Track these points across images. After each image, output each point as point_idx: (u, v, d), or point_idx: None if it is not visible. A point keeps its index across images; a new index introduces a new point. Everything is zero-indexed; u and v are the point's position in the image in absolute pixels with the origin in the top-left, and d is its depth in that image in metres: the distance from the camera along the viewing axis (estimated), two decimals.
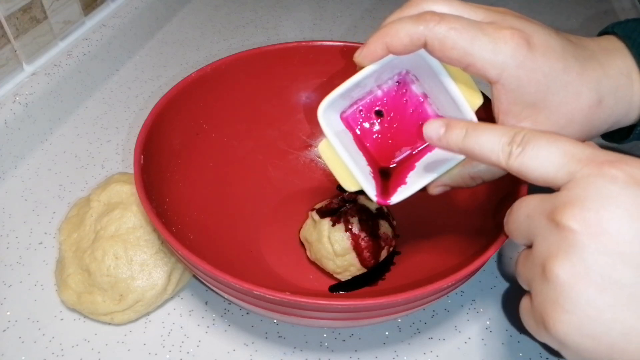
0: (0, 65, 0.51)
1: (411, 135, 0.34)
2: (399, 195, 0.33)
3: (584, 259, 0.24)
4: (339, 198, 0.44)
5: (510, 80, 0.29)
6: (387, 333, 0.40)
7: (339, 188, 0.49)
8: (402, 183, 0.34)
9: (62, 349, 0.39)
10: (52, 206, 0.49)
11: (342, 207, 0.42)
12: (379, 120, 0.34)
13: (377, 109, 0.33)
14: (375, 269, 0.42)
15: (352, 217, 0.41)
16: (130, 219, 0.42)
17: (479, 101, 0.32)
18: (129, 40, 0.67)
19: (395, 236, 0.43)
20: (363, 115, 0.33)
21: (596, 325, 0.24)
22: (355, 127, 0.34)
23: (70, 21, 0.59)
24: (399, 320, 0.41)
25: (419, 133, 0.34)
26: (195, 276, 0.43)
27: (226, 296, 0.36)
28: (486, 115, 0.33)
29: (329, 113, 0.32)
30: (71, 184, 0.51)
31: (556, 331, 0.25)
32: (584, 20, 0.76)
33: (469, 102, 0.31)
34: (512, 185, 0.38)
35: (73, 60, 0.58)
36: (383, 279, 0.43)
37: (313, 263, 0.44)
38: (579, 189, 0.25)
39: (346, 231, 0.41)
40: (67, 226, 0.45)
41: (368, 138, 0.35)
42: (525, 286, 0.28)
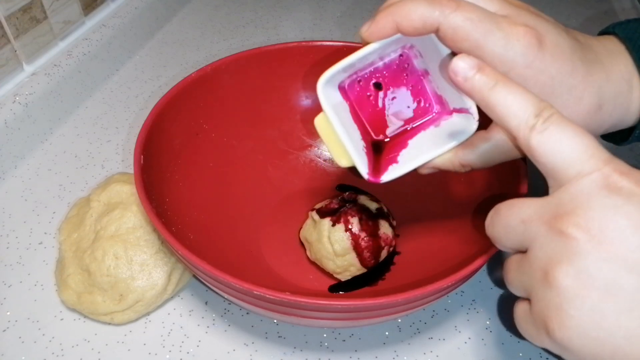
0: (0, 65, 0.51)
1: (408, 111, 0.34)
2: (390, 174, 0.33)
3: (587, 266, 0.24)
4: (339, 198, 0.44)
5: (516, 78, 0.29)
6: (387, 333, 0.40)
7: (339, 188, 0.49)
8: (394, 161, 0.33)
9: (62, 349, 0.39)
10: (52, 206, 0.49)
11: (342, 207, 0.42)
12: (376, 93, 0.33)
13: (375, 81, 0.33)
14: (375, 269, 0.42)
15: (352, 217, 0.41)
16: (130, 219, 0.42)
17: None
18: (129, 40, 0.67)
19: (395, 236, 0.43)
20: (361, 86, 0.33)
21: (600, 330, 0.24)
22: (352, 97, 0.33)
23: (70, 21, 0.59)
24: (399, 320, 0.41)
25: (416, 110, 0.33)
26: (195, 276, 0.43)
27: (226, 296, 0.36)
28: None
29: (328, 86, 0.31)
30: (71, 184, 0.51)
31: (560, 336, 0.25)
32: (584, 21, 0.76)
33: None
34: (512, 186, 0.38)
35: (73, 60, 0.58)
36: (383, 279, 0.43)
37: (313, 263, 0.44)
38: (583, 197, 0.25)
39: (346, 231, 0.41)
40: (67, 226, 0.45)
41: (364, 110, 0.34)
42: (518, 292, 0.29)
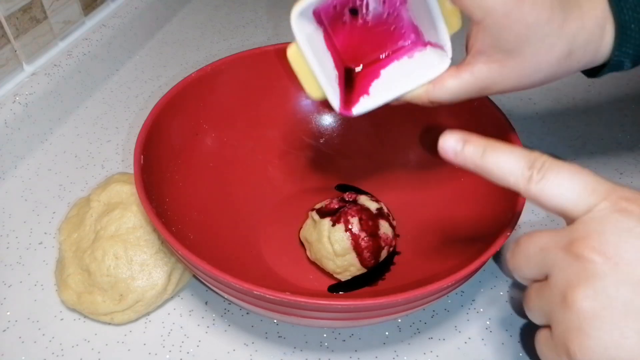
0: (0, 65, 0.51)
1: (382, 39, 0.33)
2: (361, 106, 0.33)
3: (605, 287, 0.25)
4: (339, 198, 0.44)
5: (492, 25, 0.29)
6: (387, 333, 0.40)
7: (338, 188, 0.49)
8: (365, 92, 0.33)
9: (62, 349, 0.39)
10: (52, 206, 0.49)
11: (342, 207, 0.42)
12: (352, 19, 0.33)
13: (352, 6, 0.32)
14: (375, 269, 0.42)
15: (352, 217, 0.41)
16: (130, 219, 0.42)
17: (457, 26, 0.31)
18: (129, 40, 0.67)
19: (395, 236, 0.43)
20: (337, 11, 0.32)
21: (621, 351, 0.25)
22: (326, 22, 0.33)
23: (70, 21, 0.59)
24: (399, 320, 0.41)
25: (391, 37, 0.33)
26: (195, 276, 0.43)
27: (226, 296, 0.36)
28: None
29: (302, 15, 0.31)
30: (71, 184, 0.51)
31: (581, 357, 0.26)
32: None
33: (447, 24, 0.30)
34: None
35: (73, 60, 0.58)
36: (383, 279, 0.43)
37: (313, 263, 0.44)
38: (596, 223, 0.26)
39: (346, 231, 0.41)
40: (67, 226, 0.45)
41: (338, 36, 0.33)
42: (539, 319, 0.29)
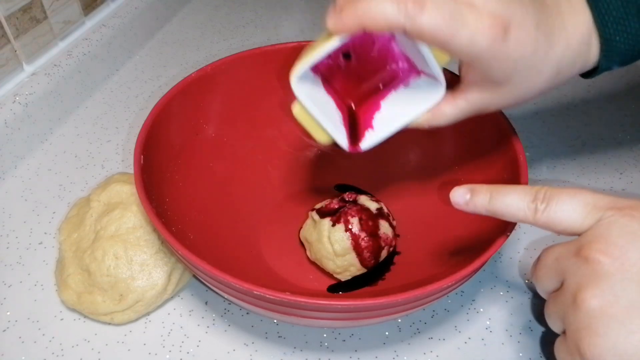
0: (0, 65, 0.51)
1: (378, 72, 0.34)
2: (368, 142, 0.35)
3: (612, 286, 0.27)
4: (339, 198, 0.44)
5: (480, 65, 0.30)
6: (387, 333, 0.40)
7: (337, 188, 0.49)
8: (370, 126, 0.35)
9: (62, 349, 0.39)
10: (52, 206, 0.49)
11: (342, 207, 0.42)
12: (346, 62, 0.34)
13: (344, 52, 0.33)
14: (375, 269, 0.42)
15: (352, 217, 0.41)
16: (130, 219, 0.42)
17: (446, 59, 0.32)
18: (129, 40, 0.67)
19: (395, 236, 0.43)
20: (331, 60, 0.33)
21: (628, 346, 0.26)
22: (322, 70, 0.34)
23: (70, 21, 0.59)
24: (399, 320, 0.41)
25: (386, 69, 0.34)
26: (195, 276, 0.43)
27: (226, 296, 0.36)
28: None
29: (301, 78, 0.32)
30: (71, 184, 0.51)
31: (592, 355, 0.27)
32: None
33: (436, 58, 0.31)
34: (511, 183, 0.38)
35: (73, 60, 0.58)
36: (383, 279, 0.43)
37: (313, 263, 0.44)
38: (602, 228, 0.28)
39: (346, 231, 0.41)
40: (67, 226, 0.45)
41: (336, 79, 0.35)
42: (557, 325, 0.31)
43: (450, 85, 0.33)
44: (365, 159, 0.50)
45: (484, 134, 0.42)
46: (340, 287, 0.42)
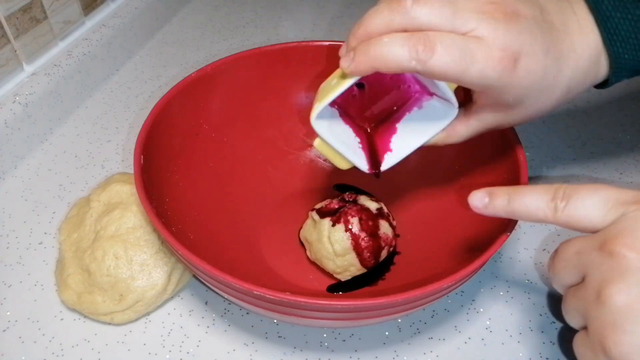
0: (0, 65, 0.51)
1: (391, 97, 0.36)
2: (387, 163, 0.36)
3: (638, 281, 0.26)
4: (339, 198, 0.44)
5: (492, 96, 0.31)
6: (387, 333, 0.40)
7: (336, 187, 0.49)
8: (388, 149, 0.36)
9: (62, 349, 0.39)
10: (52, 206, 0.49)
11: (342, 207, 0.42)
12: (360, 91, 0.36)
13: (358, 82, 0.34)
14: (375, 269, 0.42)
15: (352, 217, 0.41)
16: (130, 219, 0.42)
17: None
18: (129, 40, 0.67)
19: (395, 236, 0.43)
20: (346, 92, 0.34)
21: None
22: (339, 103, 0.36)
23: (70, 21, 0.59)
24: (399, 320, 0.41)
25: (399, 93, 0.36)
26: (195, 276, 0.43)
27: (226, 296, 0.36)
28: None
29: (319, 115, 0.33)
30: (71, 184, 0.51)
31: (617, 352, 0.26)
32: None
33: (448, 84, 0.32)
34: (511, 183, 0.38)
35: (73, 60, 0.58)
36: (383, 279, 0.43)
37: (313, 263, 0.44)
38: (628, 222, 0.27)
39: (346, 231, 0.41)
40: (67, 226, 0.45)
41: (352, 108, 0.37)
42: (576, 321, 0.30)
43: (462, 104, 0.34)
44: None
45: (484, 134, 0.42)
46: (340, 287, 0.42)
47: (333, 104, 0.35)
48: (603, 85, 0.35)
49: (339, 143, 0.35)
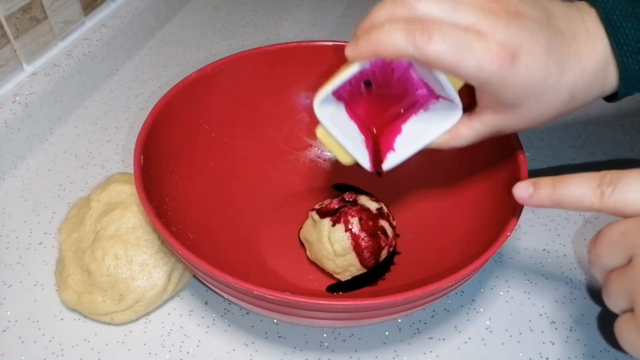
0: (0, 65, 0.51)
1: (398, 98, 0.36)
2: (389, 162, 0.36)
3: None
4: (339, 198, 0.44)
5: (491, 89, 0.31)
6: (387, 333, 0.40)
7: (336, 187, 0.49)
8: (391, 149, 0.36)
9: (62, 349, 0.39)
10: (52, 206, 0.49)
11: (342, 207, 0.42)
12: (367, 89, 0.36)
13: (365, 79, 0.35)
14: (375, 269, 0.42)
15: (352, 217, 0.41)
16: (130, 219, 0.42)
17: (461, 83, 0.33)
18: (129, 40, 0.67)
19: (395, 236, 0.43)
20: (352, 86, 0.35)
21: None
22: (345, 96, 0.36)
23: (70, 21, 0.59)
24: (399, 320, 0.41)
25: (406, 95, 0.36)
26: (195, 276, 0.43)
27: (226, 296, 0.36)
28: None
29: (323, 101, 0.34)
30: (71, 184, 0.51)
31: None
32: None
33: (451, 82, 0.32)
34: (511, 184, 0.38)
35: (73, 60, 0.58)
36: (383, 279, 0.43)
37: (313, 263, 0.44)
38: None
39: (346, 231, 0.41)
40: (67, 226, 0.45)
41: (358, 106, 0.37)
42: (620, 303, 0.29)
43: (467, 109, 0.34)
44: None
45: None
46: (340, 287, 0.42)
47: (339, 97, 0.35)
48: (613, 98, 0.35)
49: (341, 135, 0.35)
